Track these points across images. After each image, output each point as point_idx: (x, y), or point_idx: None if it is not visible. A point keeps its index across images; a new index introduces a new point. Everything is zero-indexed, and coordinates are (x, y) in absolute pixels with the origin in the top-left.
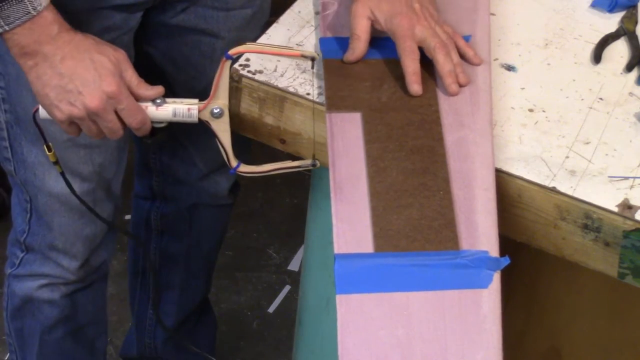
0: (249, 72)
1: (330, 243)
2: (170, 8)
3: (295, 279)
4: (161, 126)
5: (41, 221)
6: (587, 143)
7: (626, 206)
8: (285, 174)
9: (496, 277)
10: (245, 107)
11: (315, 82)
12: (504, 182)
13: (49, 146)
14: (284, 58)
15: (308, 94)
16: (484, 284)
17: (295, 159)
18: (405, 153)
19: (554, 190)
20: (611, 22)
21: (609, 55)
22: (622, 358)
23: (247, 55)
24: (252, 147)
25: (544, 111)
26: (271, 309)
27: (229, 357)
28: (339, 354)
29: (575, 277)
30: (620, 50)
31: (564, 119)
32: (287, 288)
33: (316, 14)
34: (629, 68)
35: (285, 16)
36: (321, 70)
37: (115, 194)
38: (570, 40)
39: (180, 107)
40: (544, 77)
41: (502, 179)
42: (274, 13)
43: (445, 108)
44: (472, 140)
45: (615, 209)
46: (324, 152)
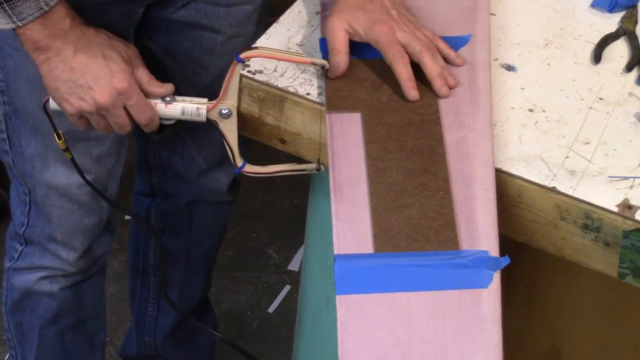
0: (248, 72)
1: (330, 243)
2: (171, 3)
3: (295, 279)
4: (169, 123)
5: (40, 213)
6: (587, 143)
7: (626, 206)
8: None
9: (496, 277)
10: (245, 107)
11: (315, 82)
12: (504, 182)
13: (59, 134)
14: None
15: (308, 94)
16: (484, 284)
17: (296, 159)
18: (405, 153)
19: (554, 190)
20: (611, 22)
21: (609, 55)
22: (622, 358)
23: None
24: (252, 147)
25: (544, 111)
26: (271, 309)
27: (229, 357)
28: (339, 354)
29: (575, 277)
30: (620, 50)
31: (564, 119)
32: (287, 288)
33: (316, 14)
34: (629, 68)
35: (285, 16)
36: (321, 71)
37: (113, 187)
38: (570, 40)
39: (189, 106)
40: (544, 77)
41: (502, 179)
42: (274, 13)
43: (445, 108)
44: (472, 140)
45: (615, 209)
46: (324, 152)
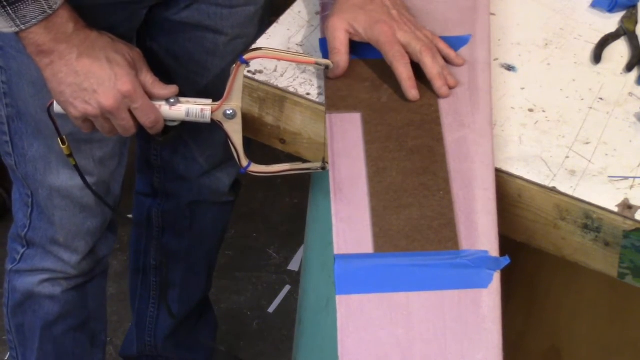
0: (249, 72)
1: (330, 243)
2: (174, 5)
3: (295, 279)
4: (173, 125)
5: (42, 215)
6: (587, 143)
7: (626, 206)
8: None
9: (496, 277)
10: (245, 107)
11: (315, 82)
12: (504, 182)
13: (63, 139)
14: None
15: (308, 94)
16: (484, 284)
17: (296, 160)
18: (405, 153)
19: (554, 190)
20: (611, 22)
21: (609, 55)
22: (622, 358)
23: None
24: (252, 147)
25: (544, 111)
26: (271, 309)
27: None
28: (339, 354)
29: (575, 277)
30: (620, 50)
31: (564, 119)
32: (287, 288)
33: (316, 14)
34: (629, 68)
35: (285, 16)
36: (321, 71)
37: (116, 189)
38: (570, 40)
39: (194, 108)
40: (544, 77)
41: (502, 179)
42: (274, 13)
43: (445, 108)
44: (472, 140)
45: (615, 209)
46: (324, 152)
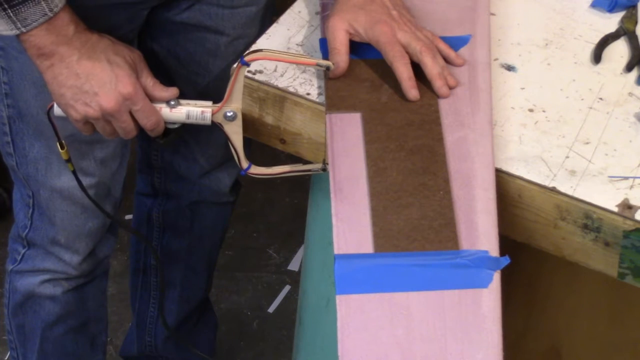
0: (249, 72)
1: (330, 243)
2: (175, 5)
3: (295, 279)
4: (174, 127)
5: (43, 216)
6: (587, 143)
7: (626, 206)
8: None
9: (496, 277)
10: (246, 107)
11: (315, 82)
12: (504, 182)
13: (62, 144)
14: None
15: (308, 94)
16: (484, 284)
17: (296, 160)
18: (405, 153)
19: (554, 190)
20: (611, 22)
21: (609, 55)
22: (622, 358)
23: None
24: (252, 147)
25: (544, 111)
26: (271, 309)
27: (229, 357)
28: (339, 354)
29: (575, 277)
30: (620, 50)
31: (564, 119)
32: (287, 288)
33: (316, 14)
34: (629, 68)
35: (285, 16)
36: (321, 71)
37: (117, 190)
38: (570, 40)
39: (194, 110)
40: (544, 77)
41: (502, 179)
42: (274, 13)
43: (445, 108)
44: (472, 140)
45: (615, 209)
46: (324, 153)
